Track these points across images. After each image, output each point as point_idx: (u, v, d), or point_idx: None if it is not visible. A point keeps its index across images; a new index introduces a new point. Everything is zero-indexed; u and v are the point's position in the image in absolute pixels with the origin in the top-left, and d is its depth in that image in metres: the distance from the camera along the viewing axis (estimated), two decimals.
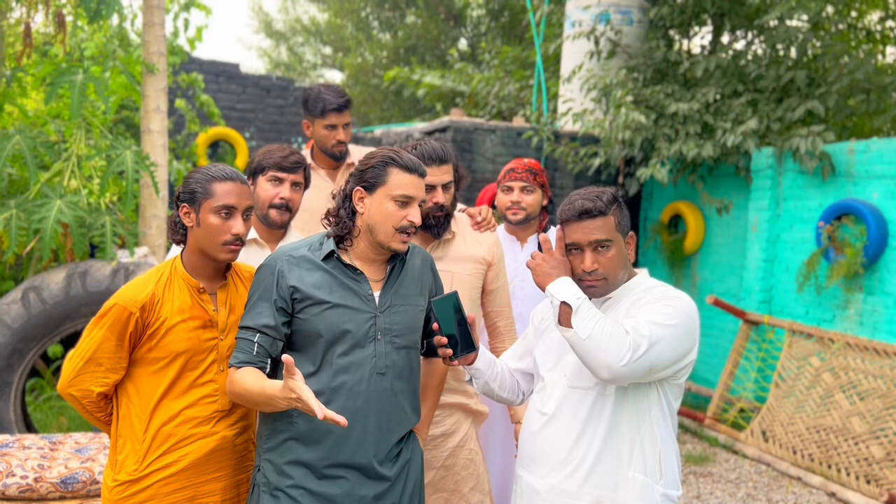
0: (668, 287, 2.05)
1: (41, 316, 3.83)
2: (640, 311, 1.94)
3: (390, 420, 2.06)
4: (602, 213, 1.99)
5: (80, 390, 2.05)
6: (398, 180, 2.01)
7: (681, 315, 1.93)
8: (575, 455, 2.00)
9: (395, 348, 2.06)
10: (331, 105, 3.13)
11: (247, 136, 7.92)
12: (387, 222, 2.01)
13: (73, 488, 3.19)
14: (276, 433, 2.02)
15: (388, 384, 2.04)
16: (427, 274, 2.22)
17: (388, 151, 2.05)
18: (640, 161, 7.06)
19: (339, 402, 1.98)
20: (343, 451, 1.99)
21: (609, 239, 1.99)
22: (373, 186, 2.02)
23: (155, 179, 4.12)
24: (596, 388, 1.99)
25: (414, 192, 2.02)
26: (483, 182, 6.63)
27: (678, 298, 1.97)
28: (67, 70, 3.93)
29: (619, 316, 2.00)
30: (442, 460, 2.59)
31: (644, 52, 7.33)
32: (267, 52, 20.05)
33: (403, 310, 2.10)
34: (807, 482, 4.92)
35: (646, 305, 1.96)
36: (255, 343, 1.98)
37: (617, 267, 2.01)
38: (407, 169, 2.02)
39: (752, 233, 6.31)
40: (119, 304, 2.00)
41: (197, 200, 2.05)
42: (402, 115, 14.91)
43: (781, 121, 6.39)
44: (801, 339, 5.59)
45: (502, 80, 9.88)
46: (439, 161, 2.48)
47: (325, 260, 2.03)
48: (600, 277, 2.00)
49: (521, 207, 3.05)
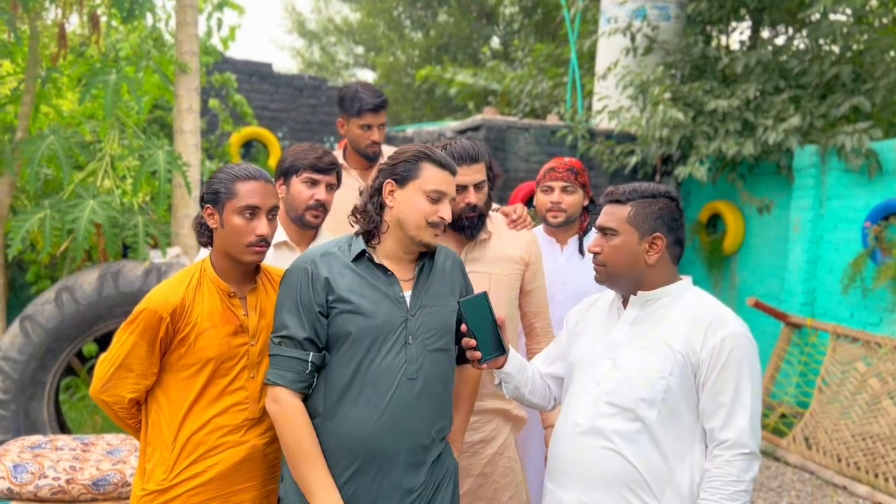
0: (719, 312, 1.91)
1: (74, 316, 3.83)
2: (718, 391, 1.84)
3: (421, 427, 1.98)
4: (617, 201, 1.96)
5: (112, 396, 2.01)
6: (431, 175, 1.98)
7: (754, 362, 1.87)
8: (606, 473, 1.89)
9: (427, 351, 1.99)
10: (367, 105, 3.07)
11: (279, 136, 7.92)
12: (418, 217, 1.96)
13: (105, 490, 3.17)
14: None
15: (420, 389, 1.97)
16: (457, 275, 2.15)
17: (421, 147, 2.02)
18: (677, 159, 6.90)
19: (368, 408, 1.91)
20: (371, 460, 1.92)
21: (613, 228, 1.95)
22: (404, 180, 1.98)
23: (187, 179, 4.11)
24: (635, 411, 1.88)
25: (446, 188, 2.00)
26: (516, 181, 6.54)
27: (746, 345, 1.86)
28: (101, 70, 3.93)
29: (661, 327, 1.91)
30: (480, 468, 2.51)
31: (682, 48, 7.17)
32: (299, 52, 20.16)
33: (435, 311, 2.03)
34: (853, 491, 4.75)
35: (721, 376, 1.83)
36: (308, 363, 1.92)
37: (618, 259, 1.94)
38: (440, 165, 1.99)
39: (794, 233, 6.13)
40: (149, 309, 1.95)
41: (220, 201, 2.00)
42: (434, 114, 14.86)
43: (825, 117, 6.20)
44: (846, 342, 5.41)
45: (535, 77, 9.77)
46: (471, 160, 2.40)
47: (355, 261, 1.98)
48: (599, 263, 1.98)
49: (561, 209, 2.94)
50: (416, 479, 1.97)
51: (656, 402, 1.86)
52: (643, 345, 1.92)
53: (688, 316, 1.91)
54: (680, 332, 1.89)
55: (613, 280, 1.98)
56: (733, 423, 1.82)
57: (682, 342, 1.87)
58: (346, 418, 1.91)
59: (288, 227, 2.54)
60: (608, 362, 1.96)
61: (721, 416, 1.83)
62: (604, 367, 1.97)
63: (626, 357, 1.93)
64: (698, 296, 1.98)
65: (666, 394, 1.86)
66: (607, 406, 1.92)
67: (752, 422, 1.83)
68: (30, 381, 3.82)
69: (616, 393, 1.91)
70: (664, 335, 1.90)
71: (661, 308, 1.95)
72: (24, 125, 4.06)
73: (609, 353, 1.98)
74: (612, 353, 1.97)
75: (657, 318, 1.94)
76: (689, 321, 1.90)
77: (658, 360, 1.88)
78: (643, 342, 1.93)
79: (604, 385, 1.94)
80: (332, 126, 8.14)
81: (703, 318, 1.89)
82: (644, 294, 1.98)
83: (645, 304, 1.98)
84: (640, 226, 1.93)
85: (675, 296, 1.97)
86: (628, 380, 1.90)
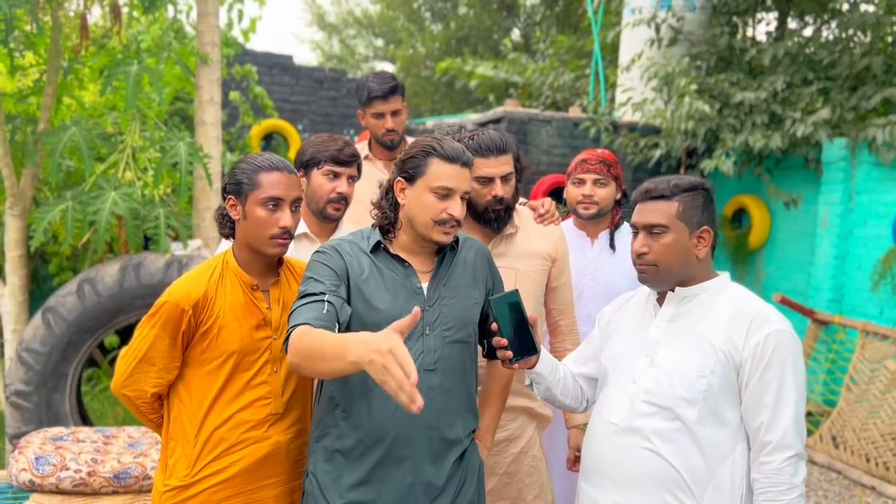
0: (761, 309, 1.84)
1: (96, 308, 3.82)
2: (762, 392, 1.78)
3: (440, 420, 1.92)
4: (663, 196, 1.87)
5: (134, 390, 1.98)
6: (438, 171, 1.88)
7: (798, 359, 1.80)
8: (644, 474, 1.83)
9: (446, 342, 1.93)
10: (374, 92, 3.03)
11: (300, 129, 7.90)
12: (425, 214, 1.89)
13: (126, 483, 3.16)
14: (320, 438, 1.94)
15: (438, 381, 1.91)
16: (482, 266, 2.08)
17: (430, 140, 1.92)
18: (702, 152, 6.80)
19: (385, 400, 1.86)
20: (391, 454, 1.88)
21: (664, 225, 1.85)
22: (412, 178, 1.91)
23: (208, 171, 4.08)
24: (675, 410, 1.82)
25: (454, 183, 1.89)
26: (538, 174, 6.47)
27: (789, 343, 1.79)
28: (122, 61, 3.91)
29: (700, 324, 1.86)
30: (505, 466, 2.46)
31: (707, 39, 7.06)
32: (319, 45, 20.17)
33: (454, 301, 1.97)
34: (882, 492, 4.65)
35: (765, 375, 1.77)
36: (325, 303, 1.77)
37: (670, 256, 1.86)
38: (448, 159, 1.89)
39: (822, 228, 6.01)
40: (171, 302, 1.91)
41: (243, 192, 1.96)
42: (454, 106, 14.79)
43: (856, 110, 6.06)
44: (876, 340, 5.29)
45: (557, 69, 9.68)
46: (498, 151, 2.32)
47: (372, 252, 1.94)
48: (649, 263, 1.88)
49: (593, 202, 2.84)
50: (440, 475, 1.91)
51: (697, 402, 1.80)
52: (682, 342, 1.86)
53: (728, 312, 1.84)
54: (720, 329, 1.82)
55: (664, 279, 1.90)
56: (777, 424, 1.76)
57: (724, 339, 1.81)
58: (363, 411, 1.87)
59: (308, 219, 2.50)
60: (645, 360, 1.90)
61: (765, 417, 1.77)
62: (641, 365, 1.91)
63: (665, 355, 1.88)
64: (738, 291, 1.91)
65: (707, 393, 1.80)
66: (645, 405, 1.86)
67: (797, 422, 1.77)
68: (52, 372, 3.82)
69: (654, 392, 1.85)
70: (704, 332, 1.84)
71: (700, 304, 1.90)
72: (47, 116, 4.05)
73: (646, 351, 1.92)
74: (649, 351, 1.91)
75: (696, 314, 1.88)
76: (729, 318, 1.83)
77: (698, 357, 1.82)
78: (682, 339, 1.87)
79: (641, 383, 1.88)
80: (353, 119, 8.11)
81: (745, 315, 1.82)
82: (682, 290, 1.91)
83: (683, 301, 1.92)
84: (689, 220, 1.87)
85: (713, 291, 1.91)
86: (668, 378, 1.84)
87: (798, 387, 1.78)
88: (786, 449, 1.75)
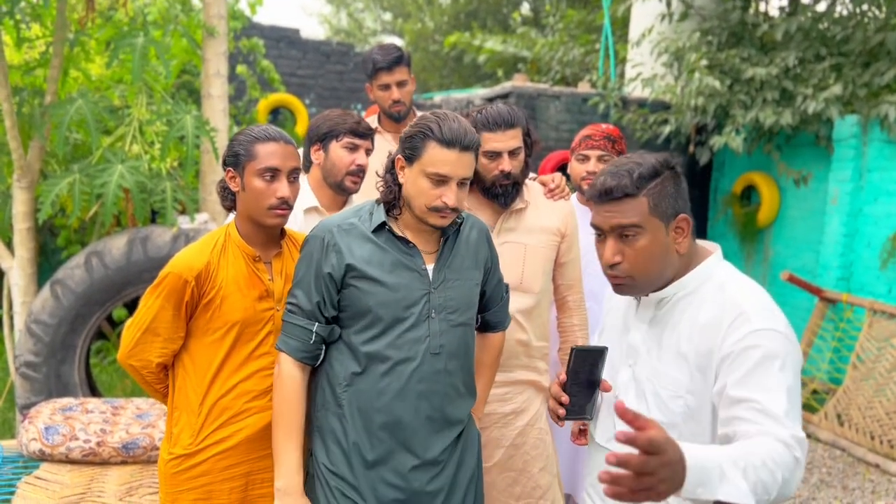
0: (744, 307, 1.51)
1: (103, 281, 3.85)
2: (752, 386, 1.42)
3: (444, 402, 1.93)
4: (628, 194, 1.54)
5: (140, 360, 2.00)
6: (434, 156, 1.80)
7: (794, 360, 1.47)
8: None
9: (450, 326, 1.93)
10: (379, 64, 3.02)
11: (307, 103, 7.87)
12: (420, 199, 1.83)
13: (134, 453, 3.21)
14: (322, 422, 1.94)
15: (443, 364, 1.91)
16: (483, 246, 2.06)
17: (430, 120, 1.83)
18: (712, 129, 6.74)
19: (391, 383, 1.87)
20: (393, 433, 1.89)
21: (637, 225, 1.55)
22: (411, 158, 1.85)
23: (215, 145, 4.08)
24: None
25: (450, 170, 1.79)
26: (546, 150, 6.43)
27: (779, 341, 1.46)
28: (129, 34, 3.89)
29: (677, 330, 1.59)
30: (511, 439, 2.48)
31: (719, 13, 6.96)
32: (327, 19, 20.01)
33: (458, 284, 1.95)
34: (885, 469, 4.66)
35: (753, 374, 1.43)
36: (313, 333, 1.88)
37: (647, 262, 1.56)
38: (445, 143, 1.79)
39: (832, 206, 5.96)
40: (174, 273, 1.93)
41: (241, 163, 1.97)
42: (462, 81, 14.69)
43: (868, 86, 5.98)
44: (884, 319, 5.27)
45: (566, 44, 9.58)
46: (506, 125, 2.31)
47: (375, 232, 1.90)
48: (624, 274, 1.58)
49: None
50: (442, 454, 1.94)
51: (676, 425, 1.57)
52: (660, 352, 1.62)
53: (707, 313, 1.56)
54: (697, 334, 1.55)
55: (644, 288, 1.62)
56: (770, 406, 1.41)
57: (697, 346, 1.54)
58: (368, 391, 1.88)
59: (321, 192, 2.50)
60: (627, 371, 1.70)
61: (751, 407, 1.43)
62: (623, 376, 1.71)
63: (643, 367, 1.65)
64: (725, 283, 1.59)
65: (685, 414, 1.56)
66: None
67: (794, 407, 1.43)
68: (61, 344, 3.86)
69: (636, 409, 1.64)
70: (679, 343, 1.58)
71: (680, 303, 1.62)
72: (53, 89, 4.04)
73: (628, 360, 1.70)
74: (631, 360, 1.70)
75: (675, 316, 1.61)
76: (708, 319, 1.55)
77: (673, 374, 1.58)
78: (660, 348, 1.62)
79: (626, 398, 1.68)
80: (360, 93, 8.06)
81: (725, 316, 1.52)
82: (656, 295, 1.64)
83: (660, 304, 1.65)
84: (663, 214, 1.56)
85: (694, 287, 1.61)
86: (645, 398, 1.63)
87: (793, 390, 1.44)
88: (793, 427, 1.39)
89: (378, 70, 3.03)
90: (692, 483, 1.24)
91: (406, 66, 3.07)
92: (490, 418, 2.48)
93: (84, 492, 2.96)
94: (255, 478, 2.01)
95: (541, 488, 2.50)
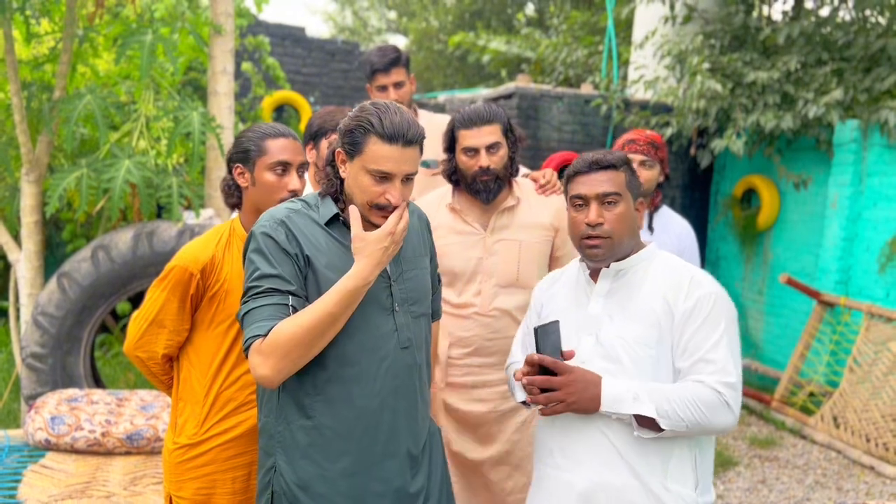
0: (693, 274, 1.86)
1: (109, 274, 3.90)
2: (700, 339, 1.78)
3: (418, 398, 1.85)
4: (612, 166, 1.88)
5: (146, 352, 2.05)
6: (375, 152, 1.66)
7: (734, 320, 1.83)
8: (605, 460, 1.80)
9: (412, 318, 1.84)
10: (375, 65, 3.07)
11: (311, 101, 7.91)
12: (362, 196, 1.70)
13: (138, 444, 3.26)
14: (286, 438, 1.76)
15: (412, 359, 1.82)
16: (426, 233, 1.99)
17: (370, 112, 1.68)
18: (714, 132, 6.78)
19: (365, 386, 1.74)
20: (375, 442, 1.77)
21: (618, 192, 1.86)
22: (351, 153, 1.70)
23: (221, 142, 4.13)
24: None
25: (393, 166, 1.66)
26: (548, 151, 6.47)
27: (724, 303, 1.82)
28: (137, 30, 3.94)
29: (639, 295, 1.85)
30: (508, 435, 2.53)
31: (722, 17, 6.99)
32: (332, 17, 20.04)
33: (414, 274, 1.88)
34: (880, 472, 4.71)
35: (702, 328, 1.78)
36: (289, 307, 1.66)
37: (623, 227, 1.86)
38: (387, 138, 1.65)
39: (832, 210, 6.00)
40: (180, 266, 1.98)
41: (251, 159, 2.02)
42: (466, 81, 14.72)
43: (869, 92, 6.01)
44: (881, 322, 5.31)
45: (570, 45, 9.61)
46: (481, 121, 2.38)
47: (328, 224, 1.77)
48: (605, 235, 1.84)
49: None
50: (417, 448, 1.87)
51: (646, 374, 1.80)
52: (624, 315, 1.86)
53: (663, 279, 1.86)
54: (658, 295, 1.84)
55: (615, 252, 1.88)
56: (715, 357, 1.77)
57: (661, 303, 1.83)
58: (341, 395, 1.73)
59: (316, 187, 2.55)
60: (591, 338, 1.87)
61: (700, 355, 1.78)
62: (587, 344, 1.87)
63: (608, 331, 1.85)
64: (669, 259, 1.93)
65: (653, 365, 1.81)
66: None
67: (735, 359, 1.78)
68: (66, 336, 3.91)
69: (606, 371, 1.81)
70: (643, 301, 1.85)
71: (634, 275, 1.90)
72: (62, 84, 4.09)
73: (589, 330, 1.88)
74: (592, 329, 1.88)
75: (632, 286, 1.88)
76: (665, 284, 1.85)
77: (642, 329, 1.82)
78: (624, 313, 1.86)
79: (591, 363, 1.83)
80: (364, 91, 8.11)
81: (681, 279, 1.84)
82: (616, 265, 1.90)
83: (618, 275, 1.91)
84: (633, 190, 1.91)
85: (645, 261, 1.92)
86: (616, 356, 1.82)
87: (732, 346, 1.78)
88: (724, 374, 1.74)
89: (375, 72, 3.07)
90: (608, 400, 1.75)
91: (403, 68, 3.11)
92: (488, 415, 2.53)
93: (89, 481, 3.01)
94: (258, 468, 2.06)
95: (528, 474, 2.55)
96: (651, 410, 1.71)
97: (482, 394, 2.54)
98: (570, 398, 1.74)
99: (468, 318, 2.51)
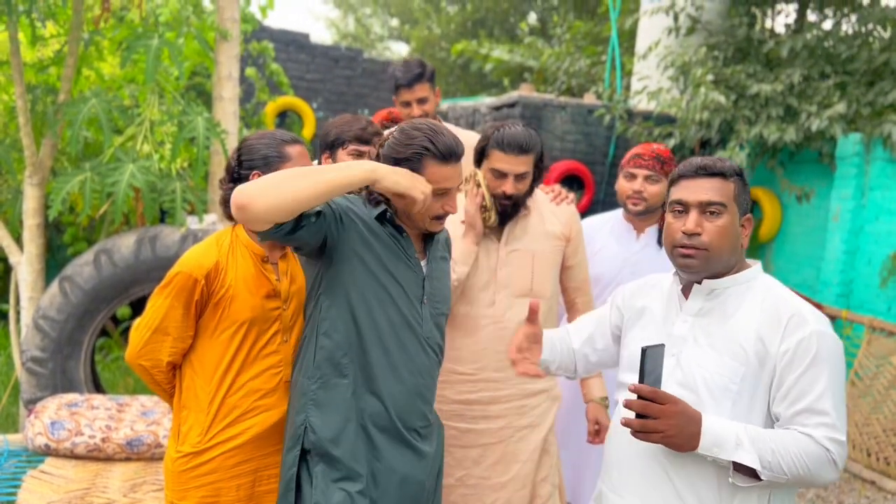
0: (797, 309, 1.65)
1: (112, 278, 3.88)
2: (806, 385, 1.59)
3: (432, 395, 2.04)
4: (721, 174, 1.70)
5: (150, 360, 2.03)
6: (434, 173, 1.85)
7: (840, 361, 1.63)
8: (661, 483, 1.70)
9: (434, 314, 2.02)
10: (399, 81, 3.07)
11: (314, 107, 7.92)
12: (424, 212, 1.89)
13: (139, 450, 3.24)
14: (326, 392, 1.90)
15: (431, 353, 2.01)
16: (448, 240, 2.18)
17: (419, 138, 1.84)
18: (716, 143, 6.78)
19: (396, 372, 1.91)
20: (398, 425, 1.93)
21: (722, 203, 1.68)
22: None
23: (225, 147, 4.12)
24: None
25: (450, 183, 1.87)
26: (551, 160, 6.48)
27: (829, 343, 1.61)
28: (143, 35, 3.94)
29: (731, 322, 1.68)
30: (528, 454, 2.50)
31: (725, 29, 7.02)
32: (335, 23, 20.08)
33: (443, 275, 2.07)
34: (881, 486, 4.69)
35: (807, 374, 1.59)
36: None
37: (723, 241, 1.67)
38: (443, 160, 1.84)
39: (834, 223, 6.00)
40: (184, 272, 1.96)
41: (272, 164, 2.02)
42: (468, 89, 14.75)
43: (872, 105, 6.03)
44: (882, 336, 5.30)
45: (573, 55, 9.63)
46: (519, 150, 2.32)
47: (377, 218, 1.91)
48: (701, 247, 1.67)
49: (642, 198, 2.83)
50: (430, 444, 2.02)
51: (724, 413, 1.65)
52: (710, 343, 1.70)
53: (761, 310, 1.67)
54: (752, 329, 1.66)
55: (711, 267, 1.70)
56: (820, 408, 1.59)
57: (755, 340, 1.65)
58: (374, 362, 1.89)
59: None
60: (671, 360, 1.74)
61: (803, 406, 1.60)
62: (666, 365, 1.73)
63: (691, 355, 1.72)
64: (770, 285, 1.73)
65: (735, 403, 1.66)
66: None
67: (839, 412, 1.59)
68: (67, 340, 3.89)
69: (680, 397, 1.67)
70: (734, 331, 1.68)
71: (730, 298, 1.72)
72: (67, 87, 4.09)
73: (672, 349, 1.75)
74: (675, 349, 1.75)
75: (726, 310, 1.71)
76: (763, 316, 1.66)
77: (728, 360, 1.66)
78: (710, 339, 1.70)
79: (666, 388, 1.70)
80: (367, 98, 8.12)
81: (781, 315, 1.64)
82: (710, 283, 1.73)
83: (711, 295, 1.74)
84: (741, 205, 1.72)
85: (744, 284, 1.73)
86: (693, 384, 1.69)
87: (835, 395, 1.60)
88: (835, 430, 1.57)
89: (399, 87, 3.08)
90: (707, 442, 1.56)
91: (428, 83, 3.10)
92: (505, 432, 2.50)
93: (89, 487, 2.99)
94: (263, 474, 2.04)
95: (541, 497, 2.53)
96: (754, 461, 1.55)
97: (495, 410, 2.50)
98: (670, 430, 1.55)
99: (481, 329, 2.48)
